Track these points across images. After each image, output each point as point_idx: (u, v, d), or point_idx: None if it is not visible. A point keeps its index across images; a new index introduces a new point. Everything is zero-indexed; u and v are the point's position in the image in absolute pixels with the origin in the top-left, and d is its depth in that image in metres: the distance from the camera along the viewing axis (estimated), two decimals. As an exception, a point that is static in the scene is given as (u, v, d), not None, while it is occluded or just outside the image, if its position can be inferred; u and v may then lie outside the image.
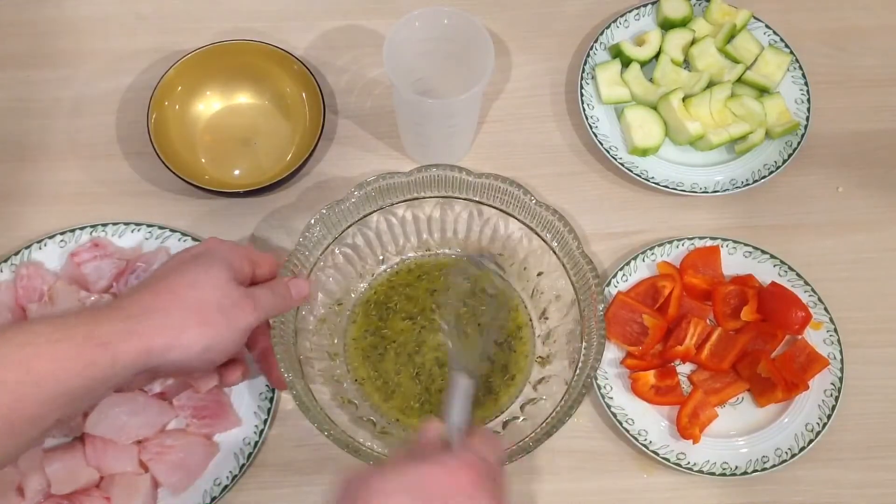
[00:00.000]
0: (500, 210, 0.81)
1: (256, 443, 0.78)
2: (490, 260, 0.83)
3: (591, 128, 0.91)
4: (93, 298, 0.82)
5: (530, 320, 0.84)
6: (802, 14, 1.00)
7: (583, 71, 0.94)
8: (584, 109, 0.92)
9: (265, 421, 0.79)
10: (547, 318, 0.82)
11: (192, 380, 0.77)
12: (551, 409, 0.74)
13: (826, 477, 0.80)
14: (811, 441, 0.79)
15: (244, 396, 0.80)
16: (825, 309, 0.84)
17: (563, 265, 0.79)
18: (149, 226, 0.86)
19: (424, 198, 0.82)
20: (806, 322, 0.81)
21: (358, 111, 0.95)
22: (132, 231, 0.86)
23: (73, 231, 0.86)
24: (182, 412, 0.78)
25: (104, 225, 0.86)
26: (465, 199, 0.82)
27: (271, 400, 0.79)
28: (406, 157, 0.93)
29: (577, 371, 0.74)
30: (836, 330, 0.83)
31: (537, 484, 0.80)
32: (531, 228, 0.80)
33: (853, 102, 0.96)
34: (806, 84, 0.94)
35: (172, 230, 0.86)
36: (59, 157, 0.93)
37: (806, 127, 0.91)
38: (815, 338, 0.83)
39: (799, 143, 0.90)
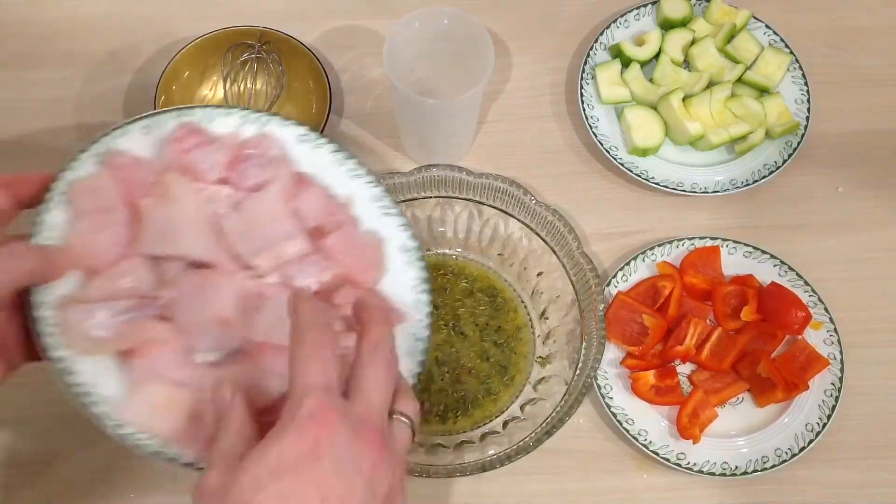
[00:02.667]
0: (500, 210, 0.81)
1: None
2: None
3: (591, 128, 0.91)
4: (209, 190, 0.64)
5: (530, 321, 0.84)
6: (802, 14, 1.00)
7: (583, 71, 0.94)
8: (584, 109, 0.92)
9: None
10: (547, 319, 0.82)
11: None
12: (551, 409, 0.74)
13: (826, 477, 0.80)
14: (811, 441, 0.79)
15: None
16: (825, 309, 0.84)
17: (563, 265, 0.79)
18: (242, 109, 0.67)
19: (424, 198, 0.82)
20: (806, 322, 0.81)
21: (358, 111, 0.95)
22: (224, 116, 0.66)
23: (155, 116, 0.65)
24: None
25: (191, 107, 0.66)
26: (465, 199, 0.82)
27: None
28: (406, 157, 0.93)
29: (577, 371, 0.74)
30: (836, 330, 0.83)
31: (537, 484, 0.80)
32: (531, 228, 0.80)
33: (853, 102, 0.96)
34: (806, 84, 0.94)
35: (272, 114, 0.67)
36: (60, 157, 0.92)
37: (806, 127, 0.91)
38: (815, 338, 0.83)
39: (799, 143, 0.90)
